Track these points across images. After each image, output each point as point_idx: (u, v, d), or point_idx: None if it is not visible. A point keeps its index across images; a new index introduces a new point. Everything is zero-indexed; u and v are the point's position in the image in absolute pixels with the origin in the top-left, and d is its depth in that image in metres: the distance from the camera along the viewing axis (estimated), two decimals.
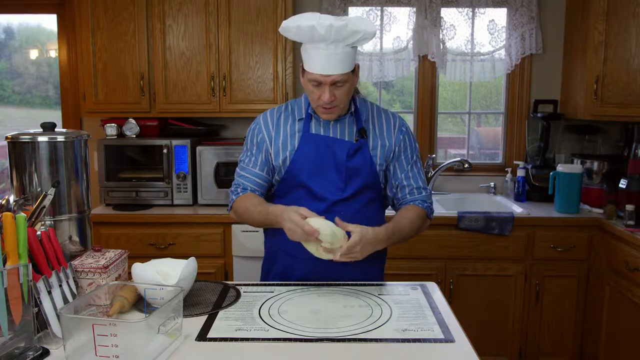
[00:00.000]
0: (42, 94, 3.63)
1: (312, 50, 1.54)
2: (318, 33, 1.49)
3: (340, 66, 1.53)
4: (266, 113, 1.75)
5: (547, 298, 2.83)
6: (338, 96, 1.57)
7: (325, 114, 1.63)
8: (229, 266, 2.87)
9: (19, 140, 1.46)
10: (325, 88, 1.55)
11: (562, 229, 2.79)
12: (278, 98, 3.04)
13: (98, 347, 1.09)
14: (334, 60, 1.52)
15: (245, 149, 1.75)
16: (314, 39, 1.52)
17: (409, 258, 2.80)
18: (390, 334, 1.28)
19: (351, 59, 1.56)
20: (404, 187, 1.71)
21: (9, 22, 3.60)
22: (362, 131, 1.68)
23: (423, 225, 1.71)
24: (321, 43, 1.52)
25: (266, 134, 1.70)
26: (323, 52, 1.52)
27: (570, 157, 3.27)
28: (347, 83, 1.57)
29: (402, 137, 1.72)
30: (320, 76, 1.54)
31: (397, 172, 1.71)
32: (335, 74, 1.53)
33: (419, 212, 1.68)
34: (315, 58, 1.54)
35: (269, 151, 1.69)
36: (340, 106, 1.62)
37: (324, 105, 1.58)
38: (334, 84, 1.55)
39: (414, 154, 1.74)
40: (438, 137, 3.49)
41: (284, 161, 1.67)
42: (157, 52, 3.01)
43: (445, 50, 3.31)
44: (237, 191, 1.71)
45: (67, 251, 1.47)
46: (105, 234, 2.84)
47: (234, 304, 1.47)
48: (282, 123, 1.71)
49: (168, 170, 2.97)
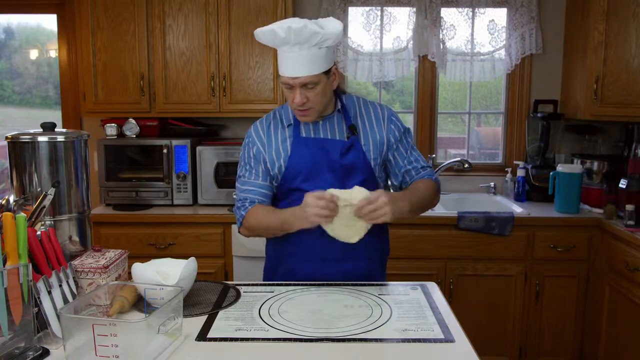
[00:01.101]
0: (42, 94, 3.63)
1: (280, 54, 1.57)
2: (279, 36, 1.51)
3: (307, 68, 1.54)
4: (256, 124, 1.75)
5: (547, 298, 2.83)
6: (311, 98, 1.58)
7: (300, 116, 1.64)
8: (229, 266, 2.87)
9: (19, 140, 1.46)
10: (296, 90, 1.57)
11: (562, 229, 2.79)
12: (278, 98, 3.04)
13: (98, 347, 1.09)
14: (300, 62, 1.53)
15: (243, 164, 1.74)
16: (276, 43, 1.55)
17: (409, 258, 2.80)
18: (390, 334, 1.28)
19: (321, 60, 1.55)
20: (410, 170, 1.74)
21: (9, 22, 3.60)
22: (352, 128, 1.69)
23: (435, 197, 1.73)
24: (285, 46, 1.54)
25: (260, 145, 1.70)
26: (288, 55, 1.54)
27: (570, 157, 3.27)
28: (318, 85, 1.57)
29: (393, 127, 1.73)
30: (289, 79, 1.56)
31: (399, 161, 1.73)
32: (303, 76, 1.54)
33: (430, 183, 1.71)
34: (283, 61, 1.57)
35: (266, 161, 1.69)
36: (316, 108, 1.61)
37: (297, 107, 1.59)
38: (304, 86, 1.56)
39: (409, 138, 1.77)
40: (438, 137, 3.49)
41: (279, 169, 1.67)
42: (157, 52, 3.01)
43: (445, 50, 3.31)
44: (245, 206, 1.68)
45: (67, 251, 1.47)
46: (105, 234, 2.83)
47: (234, 304, 1.47)
48: (272, 132, 1.71)
49: (168, 170, 2.97)
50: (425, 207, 1.68)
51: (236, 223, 1.73)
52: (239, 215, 1.70)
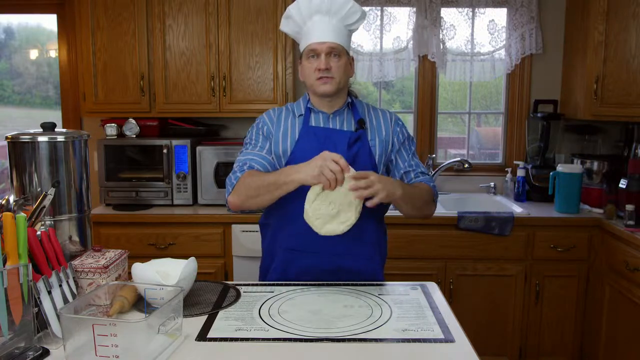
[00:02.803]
0: (42, 94, 3.63)
1: (309, 25, 1.66)
2: (314, 3, 1.63)
3: (334, 35, 1.64)
4: (268, 111, 1.79)
5: (547, 298, 2.83)
6: (334, 67, 1.64)
7: (322, 84, 1.65)
8: (229, 266, 2.87)
9: (19, 140, 1.46)
10: (321, 56, 1.64)
11: (562, 229, 2.79)
12: (278, 98, 3.04)
13: (98, 347, 1.09)
14: (329, 29, 1.64)
15: (249, 141, 1.74)
16: (311, 10, 1.64)
17: (409, 258, 2.80)
18: (390, 334, 1.28)
19: (345, 36, 1.67)
20: (409, 172, 1.74)
21: (9, 22, 3.60)
22: (360, 122, 1.71)
23: (430, 202, 1.71)
24: (316, 15, 1.65)
25: (270, 124, 1.74)
26: (318, 24, 1.64)
27: (570, 157, 3.27)
28: (341, 57, 1.66)
29: (399, 130, 1.77)
30: (317, 44, 1.64)
31: (400, 163, 1.75)
32: (330, 41, 1.63)
33: (426, 186, 1.71)
34: (311, 30, 1.65)
35: (272, 139, 1.70)
36: (336, 79, 1.65)
37: (322, 72, 1.63)
38: (330, 54, 1.64)
39: (412, 146, 1.79)
40: (438, 137, 3.49)
41: (284, 152, 1.68)
42: (157, 52, 3.01)
43: (445, 50, 3.31)
44: (243, 169, 1.63)
45: (67, 251, 1.47)
46: (105, 234, 2.84)
47: (234, 304, 1.47)
48: (283, 117, 1.75)
49: (168, 170, 2.97)
50: (419, 207, 1.66)
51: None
52: (231, 182, 1.63)
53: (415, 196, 1.63)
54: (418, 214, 1.68)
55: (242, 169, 1.64)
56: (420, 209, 1.67)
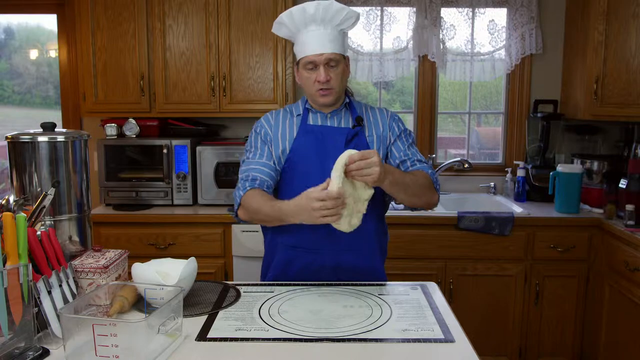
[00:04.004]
0: (42, 94, 3.63)
1: (305, 35, 1.64)
2: (308, 13, 1.60)
3: (331, 45, 1.63)
4: (266, 114, 1.80)
5: (547, 298, 2.83)
6: (333, 77, 1.64)
7: (323, 96, 1.66)
8: (229, 266, 2.87)
9: (19, 140, 1.46)
10: (320, 68, 1.63)
11: (562, 229, 2.79)
12: (278, 98, 3.04)
13: (98, 347, 1.09)
14: (326, 40, 1.63)
15: (249, 148, 1.75)
16: (305, 21, 1.62)
17: (409, 258, 2.80)
18: (390, 334, 1.28)
19: (341, 42, 1.66)
20: (405, 160, 1.72)
21: (9, 22, 3.60)
22: (358, 119, 1.72)
23: (428, 187, 1.66)
24: (312, 25, 1.63)
25: (268, 127, 1.75)
26: (314, 34, 1.62)
27: (570, 157, 3.27)
28: (339, 65, 1.65)
29: (395, 124, 1.77)
30: (315, 56, 1.62)
31: (395, 153, 1.74)
32: (328, 52, 1.62)
33: (423, 172, 1.67)
34: (308, 40, 1.64)
35: (271, 141, 1.72)
36: (336, 89, 1.66)
37: (321, 84, 1.63)
38: (328, 64, 1.63)
39: (410, 138, 1.78)
40: (438, 137, 3.49)
41: (283, 151, 1.70)
42: (157, 52, 3.01)
43: (445, 50, 3.31)
44: (245, 186, 1.65)
45: (67, 251, 1.47)
46: (105, 234, 2.83)
47: (234, 304, 1.47)
48: (281, 118, 1.76)
49: (168, 170, 2.97)
50: (416, 193, 1.61)
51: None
52: (238, 196, 1.65)
53: (408, 182, 1.58)
54: (418, 201, 1.63)
55: (244, 185, 1.65)
56: (418, 196, 1.62)
